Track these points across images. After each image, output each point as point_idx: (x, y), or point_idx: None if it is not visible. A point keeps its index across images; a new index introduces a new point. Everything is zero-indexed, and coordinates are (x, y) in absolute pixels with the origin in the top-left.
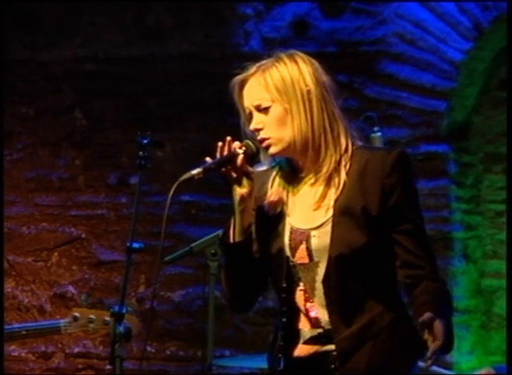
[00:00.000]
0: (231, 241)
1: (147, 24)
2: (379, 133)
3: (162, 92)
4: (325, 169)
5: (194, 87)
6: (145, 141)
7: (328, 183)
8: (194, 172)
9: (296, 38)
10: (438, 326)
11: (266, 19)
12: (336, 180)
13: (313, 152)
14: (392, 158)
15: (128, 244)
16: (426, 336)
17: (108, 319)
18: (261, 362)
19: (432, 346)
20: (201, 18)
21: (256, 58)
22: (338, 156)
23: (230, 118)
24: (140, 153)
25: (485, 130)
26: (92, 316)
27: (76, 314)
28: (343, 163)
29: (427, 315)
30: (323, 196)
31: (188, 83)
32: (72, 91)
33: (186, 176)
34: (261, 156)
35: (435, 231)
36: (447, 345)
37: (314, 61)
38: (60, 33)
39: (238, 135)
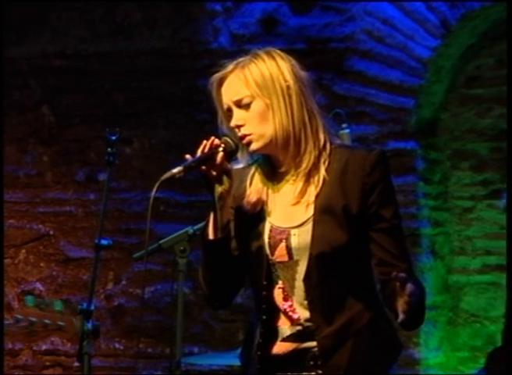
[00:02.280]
0: (210, 237)
1: (116, 20)
2: (347, 130)
3: (130, 88)
4: (304, 165)
5: (163, 84)
6: (113, 138)
7: (308, 179)
8: (175, 171)
9: (265, 35)
10: (410, 287)
11: (235, 16)
12: (316, 176)
13: (294, 147)
14: (372, 158)
15: (96, 240)
16: (398, 290)
17: None
18: (230, 359)
19: (402, 302)
20: (170, 14)
21: (225, 54)
22: (317, 152)
23: (199, 114)
24: (109, 149)
25: (452, 127)
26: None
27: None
28: (322, 160)
29: (401, 274)
30: (302, 192)
31: (156, 80)
32: (39, 87)
33: (167, 175)
34: (239, 153)
35: (403, 228)
36: (416, 313)
37: (291, 58)
38: (28, 29)
39: (206, 132)
